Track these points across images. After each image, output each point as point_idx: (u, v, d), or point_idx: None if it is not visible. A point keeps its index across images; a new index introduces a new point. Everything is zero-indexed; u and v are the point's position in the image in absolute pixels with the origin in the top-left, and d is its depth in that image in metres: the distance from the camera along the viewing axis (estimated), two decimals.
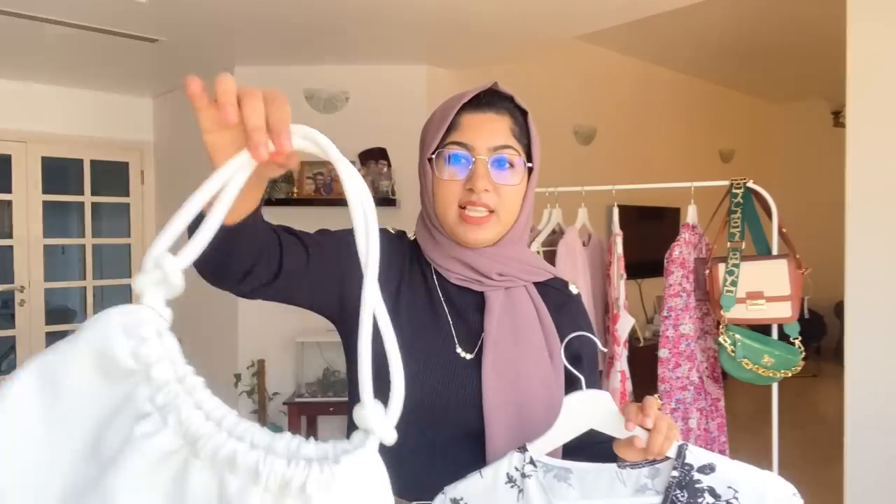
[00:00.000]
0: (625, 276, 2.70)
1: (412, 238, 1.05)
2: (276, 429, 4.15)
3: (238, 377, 4.16)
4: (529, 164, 0.97)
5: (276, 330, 4.18)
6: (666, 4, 3.21)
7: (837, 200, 2.51)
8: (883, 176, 2.33)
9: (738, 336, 2.35)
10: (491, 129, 0.94)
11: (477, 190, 0.92)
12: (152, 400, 0.48)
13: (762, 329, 2.41)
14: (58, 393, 0.47)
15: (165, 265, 0.53)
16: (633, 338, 2.87)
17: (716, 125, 6.59)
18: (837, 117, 6.44)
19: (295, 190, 4.06)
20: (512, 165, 0.95)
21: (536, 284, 1.02)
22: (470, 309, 0.98)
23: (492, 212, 0.94)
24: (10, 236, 4.63)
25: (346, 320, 0.95)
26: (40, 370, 0.47)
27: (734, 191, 2.45)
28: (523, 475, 0.82)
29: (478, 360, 0.94)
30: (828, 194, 4.63)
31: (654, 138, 5.83)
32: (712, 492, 0.78)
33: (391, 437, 0.47)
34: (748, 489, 0.77)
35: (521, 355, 0.95)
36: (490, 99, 0.97)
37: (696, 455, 0.80)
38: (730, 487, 0.78)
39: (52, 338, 4.86)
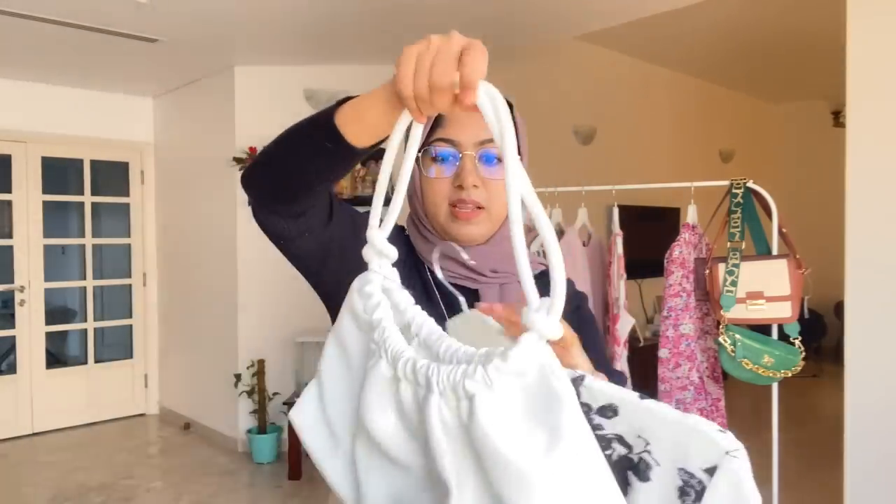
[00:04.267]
0: (625, 276, 2.70)
1: (406, 234, 1.05)
2: (276, 429, 4.16)
3: (238, 377, 4.16)
4: (518, 157, 0.95)
5: (276, 330, 4.18)
6: (666, 4, 3.21)
7: (837, 200, 2.51)
8: (883, 176, 2.33)
9: (738, 336, 2.35)
10: (476, 124, 0.91)
11: (466, 186, 0.91)
12: (375, 339, 0.63)
13: (762, 329, 2.41)
14: (343, 344, 0.68)
15: (375, 242, 0.67)
16: (633, 338, 2.87)
17: (716, 125, 6.59)
18: (837, 117, 6.43)
19: None
20: (500, 159, 0.92)
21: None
22: (460, 307, 0.98)
23: (481, 208, 0.92)
24: (10, 236, 4.63)
25: (328, 290, 0.95)
26: (335, 332, 0.70)
27: (734, 191, 2.45)
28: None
29: None
30: (828, 194, 4.63)
31: (654, 138, 5.82)
32: (621, 440, 0.57)
33: (556, 332, 0.52)
34: (665, 441, 0.55)
35: None
36: None
37: (596, 391, 0.58)
38: (640, 437, 0.56)
39: (52, 338, 4.86)
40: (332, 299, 0.95)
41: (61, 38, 3.57)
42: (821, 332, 6.50)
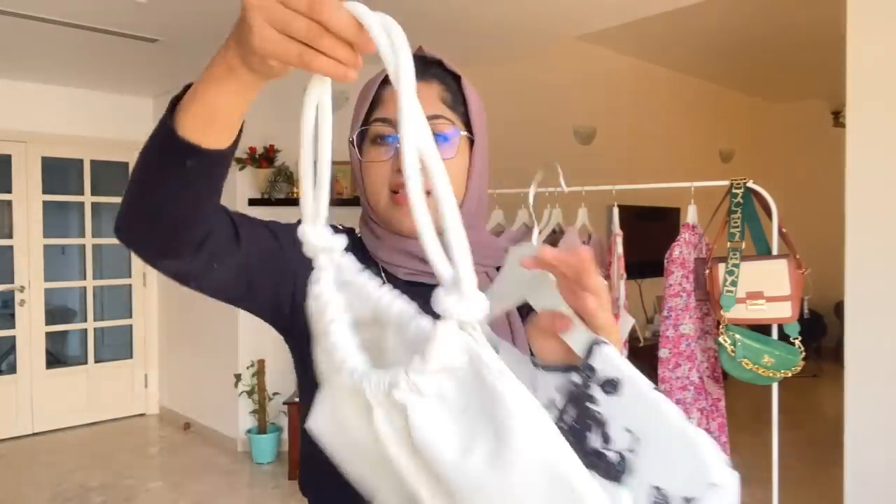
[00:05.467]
0: (625, 276, 2.70)
1: (358, 235, 0.95)
2: (276, 429, 4.16)
3: (238, 377, 4.16)
4: (467, 134, 0.85)
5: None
6: (666, 4, 3.21)
7: (837, 200, 2.51)
8: (883, 176, 2.33)
9: (738, 336, 2.34)
10: (421, 99, 0.84)
11: None
12: (326, 349, 0.55)
13: (762, 329, 2.41)
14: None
15: (309, 237, 0.56)
16: (633, 338, 2.87)
17: (716, 125, 6.59)
18: (837, 117, 6.43)
19: (295, 190, 4.06)
20: (447, 134, 0.83)
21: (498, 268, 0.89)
22: (424, 307, 0.87)
23: (427, 193, 0.82)
24: (10, 236, 4.63)
25: (294, 325, 0.82)
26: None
27: (734, 191, 2.45)
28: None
29: None
30: (828, 194, 4.63)
31: (654, 138, 5.83)
32: (602, 431, 0.50)
33: (478, 310, 0.45)
34: (655, 447, 0.49)
35: None
36: (415, 67, 0.89)
37: (609, 359, 0.53)
38: (628, 431, 0.50)
39: (52, 338, 4.86)
40: (283, 322, 0.84)
41: (61, 38, 3.57)
42: (821, 332, 6.50)
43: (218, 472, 3.95)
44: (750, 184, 2.44)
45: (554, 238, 2.87)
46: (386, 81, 0.84)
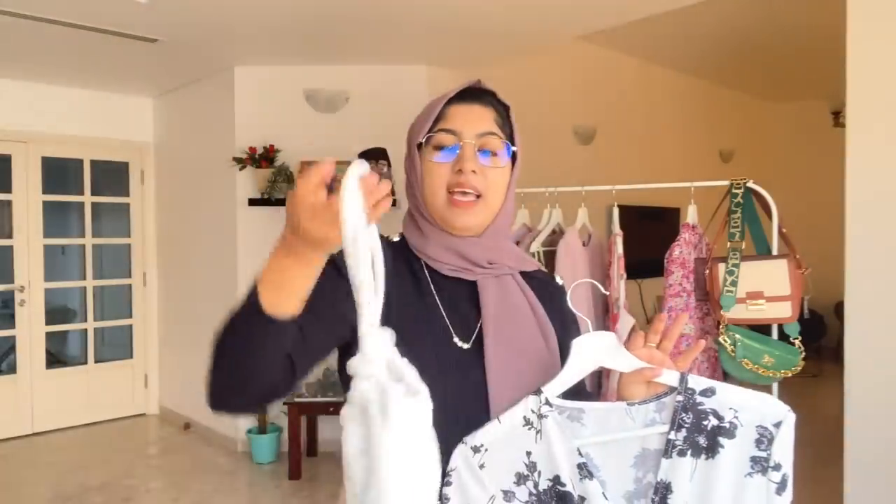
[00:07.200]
0: (625, 276, 2.70)
1: (396, 239, 1.05)
2: (276, 429, 4.16)
3: None
4: (514, 148, 1.02)
5: None
6: (666, 4, 3.21)
7: (837, 200, 2.51)
8: (883, 176, 2.33)
9: (738, 336, 2.34)
10: (476, 118, 0.98)
11: (465, 171, 0.95)
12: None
13: (762, 329, 2.41)
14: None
15: (368, 350, 0.76)
16: None
17: (716, 125, 6.59)
18: (837, 117, 6.43)
19: None
20: (496, 151, 0.99)
21: (522, 275, 1.04)
22: (462, 300, 0.98)
23: (479, 196, 0.96)
24: (10, 236, 4.63)
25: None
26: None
27: (734, 191, 2.45)
28: (540, 416, 0.86)
29: (475, 349, 0.95)
30: (828, 194, 4.63)
31: (654, 138, 5.82)
32: (715, 413, 0.83)
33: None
34: (748, 409, 0.82)
35: (519, 340, 0.96)
36: (474, 93, 1.02)
37: (698, 381, 0.85)
38: (731, 409, 0.82)
39: (52, 338, 4.86)
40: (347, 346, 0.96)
41: (61, 38, 3.57)
42: (821, 332, 6.49)
43: (218, 472, 3.95)
44: (750, 184, 2.44)
45: (554, 238, 2.87)
46: (450, 101, 1.00)
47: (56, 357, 5.01)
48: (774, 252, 2.41)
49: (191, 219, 4.79)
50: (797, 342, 2.34)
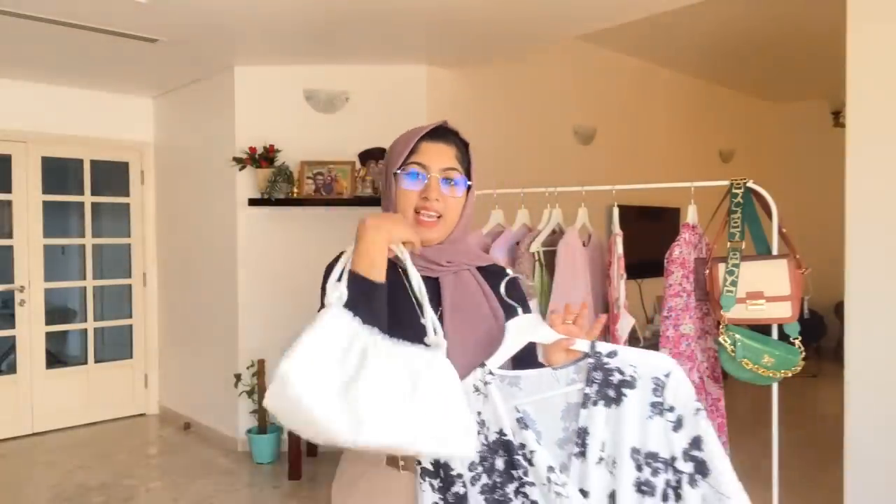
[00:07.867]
0: (625, 276, 2.69)
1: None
2: (276, 429, 4.16)
3: (238, 377, 4.16)
4: (469, 182, 1.29)
5: (276, 330, 4.18)
6: (666, 4, 3.21)
7: (837, 200, 2.51)
8: (883, 176, 2.33)
9: (738, 336, 2.34)
10: (442, 155, 1.24)
11: (430, 198, 1.22)
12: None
13: (762, 329, 2.41)
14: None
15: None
16: (633, 338, 2.87)
17: (716, 125, 6.59)
18: (837, 117, 6.43)
19: (295, 190, 4.06)
20: (456, 183, 1.26)
21: (480, 270, 1.30)
22: (428, 292, 1.15)
23: (440, 217, 1.23)
24: (10, 236, 4.63)
25: None
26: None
27: (734, 191, 2.45)
28: (485, 384, 1.09)
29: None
30: (828, 194, 4.64)
31: (654, 138, 5.83)
32: (619, 370, 1.06)
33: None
34: (644, 364, 1.05)
35: (473, 321, 1.21)
36: (441, 132, 1.27)
37: (603, 346, 1.08)
38: (631, 365, 1.05)
39: (52, 338, 4.86)
40: None
41: (61, 38, 3.57)
42: (821, 332, 6.49)
43: (218, 472, 3.95)
44: (750, 184, 2.43)
45: (554, 238, 2.87)
46: (422, 137, 1.25)
47: (56, 357, 5.01)
48: (774, 252, 2.41)
49: (191, 219, 4.79)
50: (797, 342, 2.33)
